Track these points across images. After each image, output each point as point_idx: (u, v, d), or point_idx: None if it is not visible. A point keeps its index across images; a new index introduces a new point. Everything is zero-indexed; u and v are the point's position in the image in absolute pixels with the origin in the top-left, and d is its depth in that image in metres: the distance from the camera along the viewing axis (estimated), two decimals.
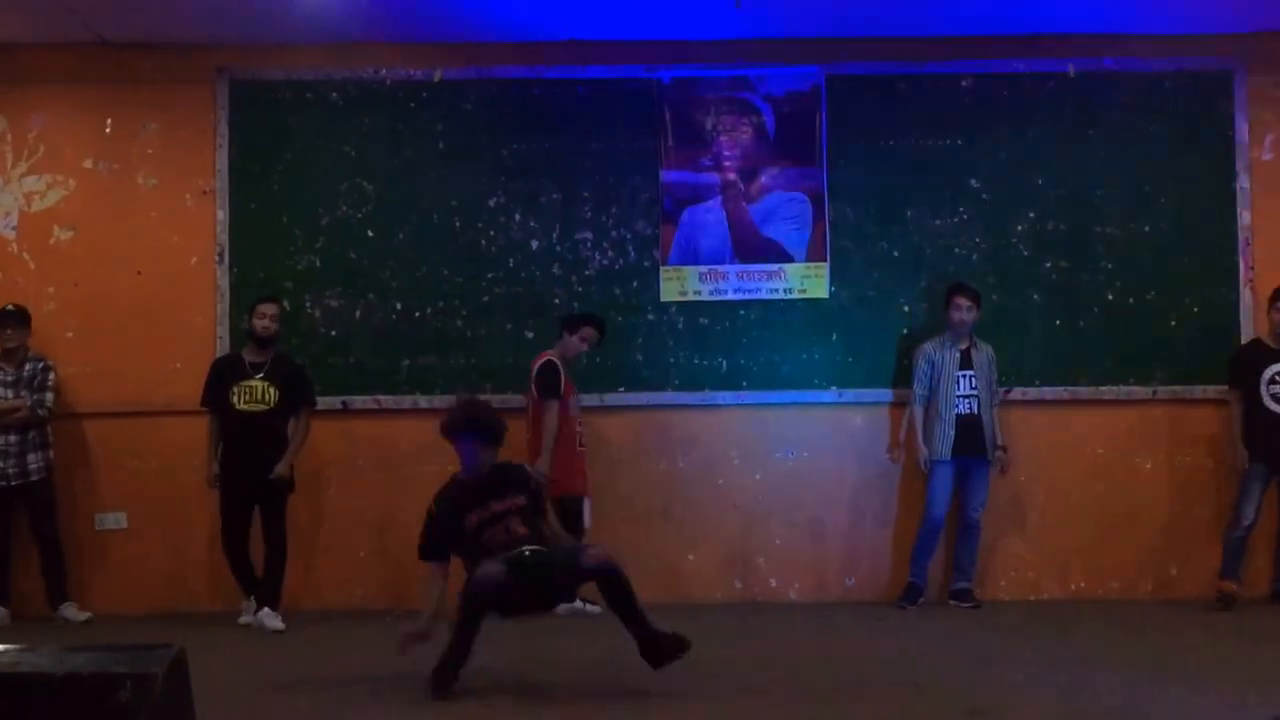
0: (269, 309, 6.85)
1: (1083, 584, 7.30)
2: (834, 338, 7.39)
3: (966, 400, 6.99)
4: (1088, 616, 6.67)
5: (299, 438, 6.89)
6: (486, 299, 7.42)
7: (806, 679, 5.09)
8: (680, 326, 7.42)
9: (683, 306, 7.42)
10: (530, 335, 7.42)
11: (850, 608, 7.05)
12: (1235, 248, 7.31)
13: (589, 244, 7.46)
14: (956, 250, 7.40)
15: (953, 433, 6.99)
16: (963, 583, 7.09)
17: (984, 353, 7.06)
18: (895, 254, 7.41)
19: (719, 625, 6.61)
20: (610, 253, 7.46)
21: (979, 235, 7.40)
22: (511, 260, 7.45)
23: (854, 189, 7.41)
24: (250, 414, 6.75)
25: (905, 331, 7.33)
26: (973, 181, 7.40)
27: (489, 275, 7.45)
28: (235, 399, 6.76)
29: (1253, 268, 7.29)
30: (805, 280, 7.42)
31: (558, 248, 7.46)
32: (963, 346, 7.03)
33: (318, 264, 7.46)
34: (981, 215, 7.41)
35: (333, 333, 7.44)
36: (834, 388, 7.37)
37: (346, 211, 7.47)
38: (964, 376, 7.01)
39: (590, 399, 7.37)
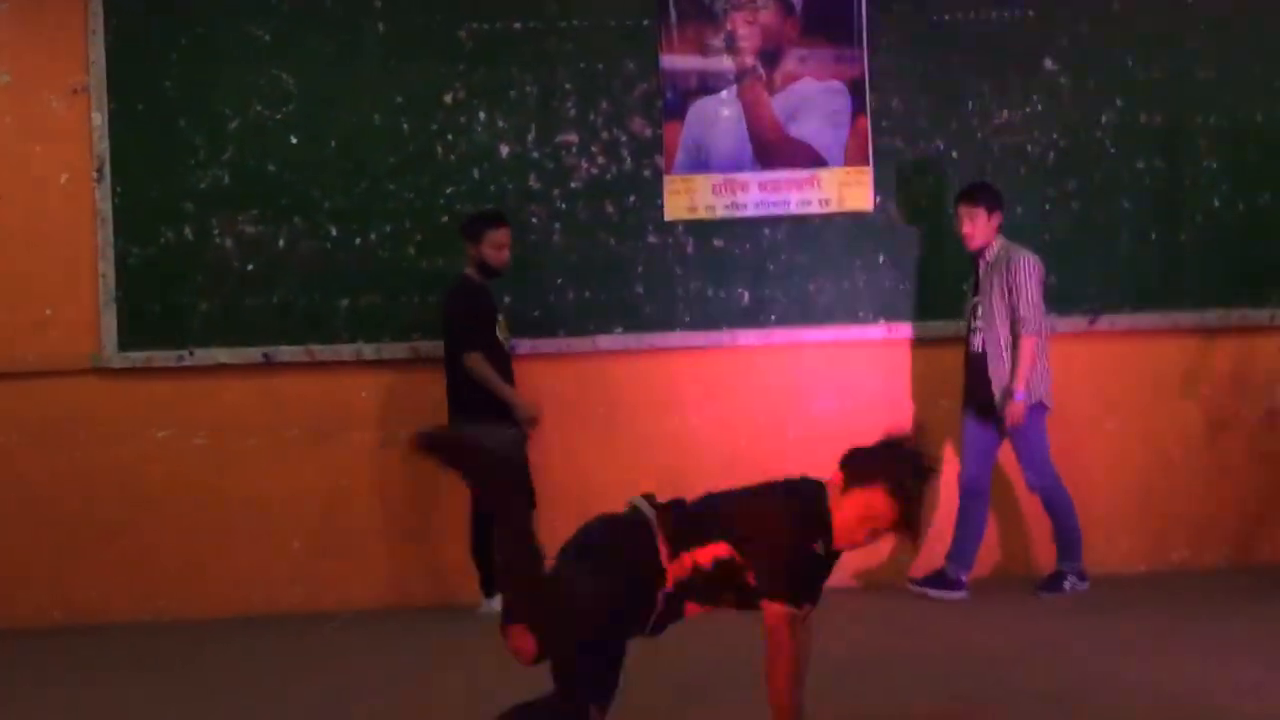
0: (503, 235, 5.61)
1: (1187, 554, 6.01)
2: (880, 260, 5.97)
3: (976, 336, 5.59)
4: (1213, 595, 5.39)
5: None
6: (445, 220, 5.89)
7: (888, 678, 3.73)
8: (690, 251, 5.96)
9: (692, 226, 5.96)
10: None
11: (904, 591, 5.68)
12: None
13: (573, 149, 5.95)
14: (1029, 148, 5.99)
15: (963, 377, 5.66)
16: (954, 568, 5.61)
17: (1000, 269, 5.51)
18: (954, 155, 5.99)
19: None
20: (600, 160, 5.96)
21: (1056, 130, 5.99)
22: (476, 171, 5.93)
23: (902, 75, 5.97)
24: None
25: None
26: (1048, 63, 5.98)
27: (448, 190, 5.92)
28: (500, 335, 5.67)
29: None
30: (844, 190, 5.98)
31: (534, 154, 5.94)
32: (981, 268, 5.59)
33: (226, 180, 5.89)
34: (1058, 105, 5.99)
35: (249, 267, 5.88)
36: (882, 320, 5.97)
37: (262, 112, 5.89)
38: (976, 305, 5.59)
39: (580, 342, 5.92)
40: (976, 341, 5.57)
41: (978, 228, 5.50)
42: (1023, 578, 5.79)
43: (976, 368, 5.55)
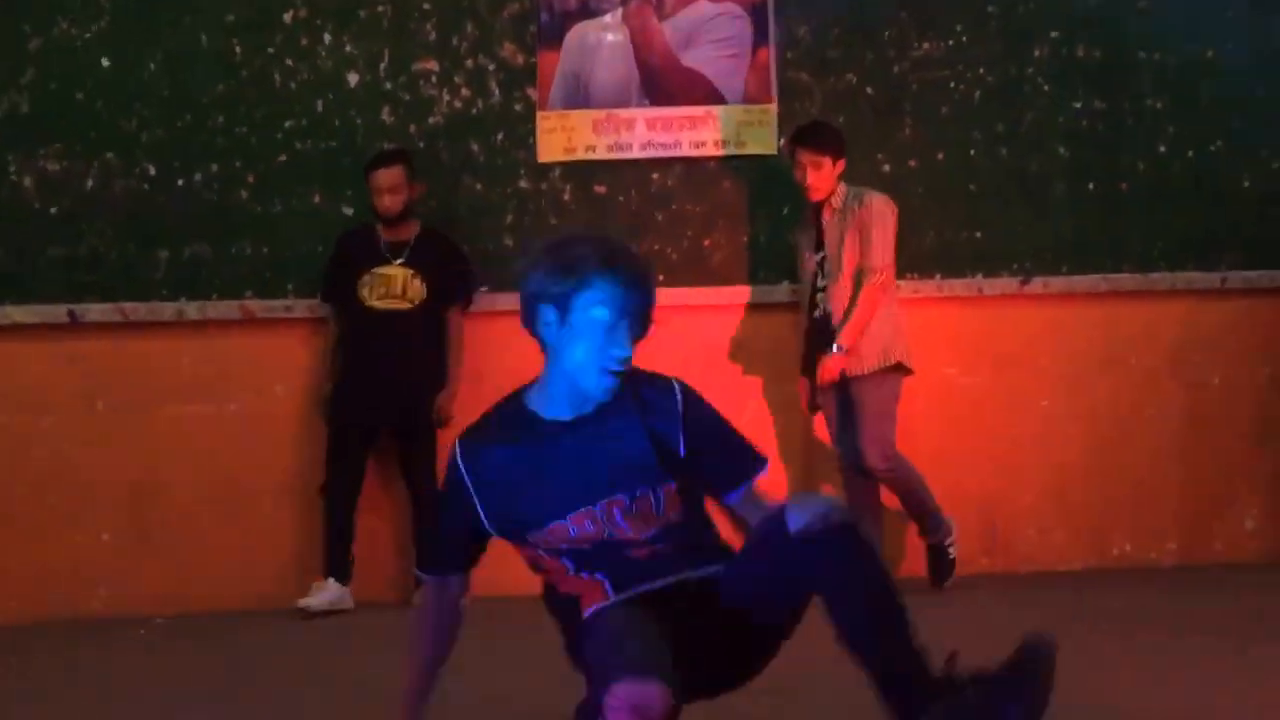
0: (385, 178, 4.93)
1: (1128, 548, 5.34)
2: (786, 211, 5.24)
3: (821, 296, 4.88)
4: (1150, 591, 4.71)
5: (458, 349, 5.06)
6: (284, 158, 5.11)
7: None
8: (567, 197, 5.22)
9: (571, 169, 5.21)
10: (350, 211, 5.14)
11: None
12: None
13: (432, 78, 5.18)
14: (953, 85, 5.30)
15: (804, 343, 4.98)
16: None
17: (849, 216, 4.78)
18: (869, 91, 5.28)
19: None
20: (465, 91, 5.19)
21: (983, 64, 5.30)
22: (320, 103, 5.15)
23: (811, 1, 5.25)
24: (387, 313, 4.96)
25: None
26: None
27: (287, 124, 5.14)
28: (366, 292, 4.94)
29: None
30: (743, 130, 5.25)
31: (387, 84, 5.17)
32: (826, 218, 4.86)
33: (25, 108, 5.07)
34: (986, 37, 5.30)
35: (52, 210, 5.07)
36: (786, 282, 5.24)
37: (69, 30, 5.07)
38: (819, 262, 4.88)
39: None
40: (823, 304, 4.86)
41: (823, 178, 4.77)
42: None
43: (824, 334, 4.83)
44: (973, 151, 5.30)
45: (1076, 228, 5.31)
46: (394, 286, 4.98)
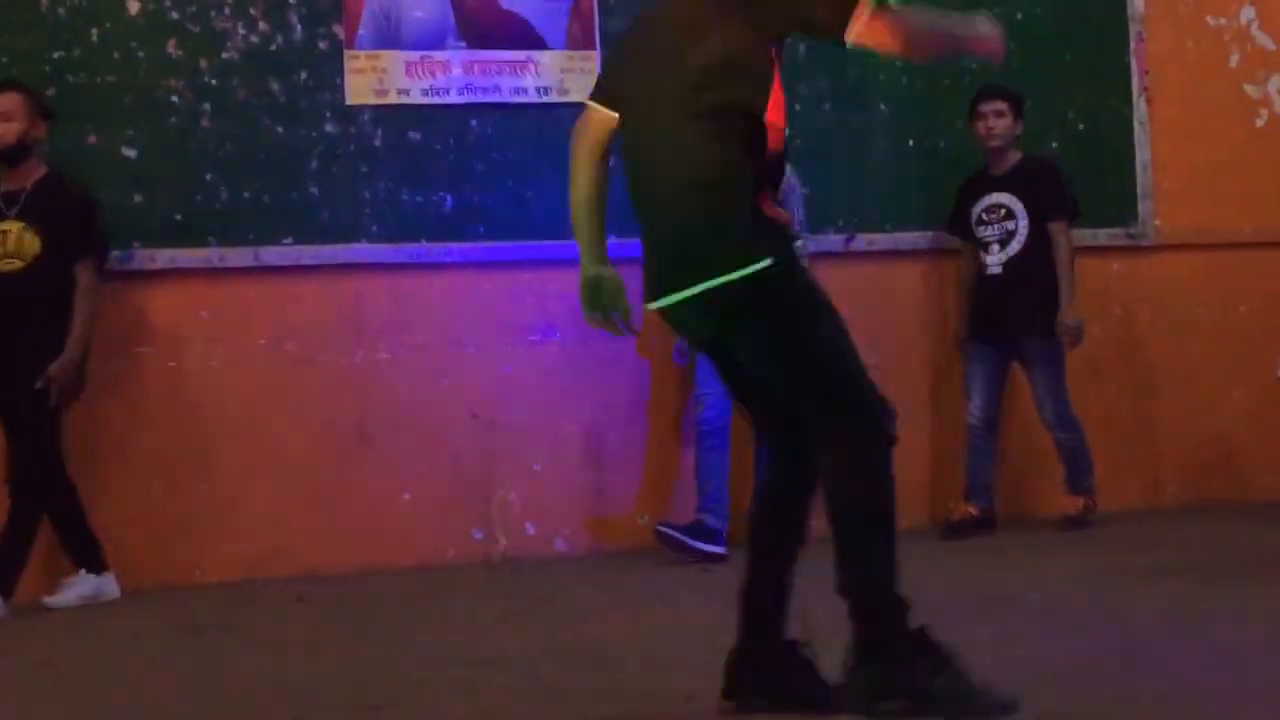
0: None
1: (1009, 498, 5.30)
2: (612, 163, 4.97)
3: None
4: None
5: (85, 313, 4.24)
6: (53, 93, 4.50)
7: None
8: (378, 144, 4.82)
9: (382, 113, 4.82)
10: (132, 155, 4.58)
11: (645, 558, 4.70)
12: (1126, 45, 5.51)
13: (225, 9, 4.69)
14: (788, 40, 5.16)
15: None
16: (702, 513, 4.68)
17: (786, 184, 4.79)
18: None
19: (452, 598, 4.21)
20: (263, 26, 4.73)
21: None
22: (95, 32, 4.58)
23: None
24: None
25: None
26: None
27: (55, 56, 4.54)
28: None
29: (1147, 72, 5.52)
30: (567, 77, 4.98)
31: (173, 14, 4.66)
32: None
33: None
34: None
35: None
36: (613, 236, 4.97)
37: None
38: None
39: (238, 254, 4.69)
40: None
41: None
42: None
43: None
44: (797, 107, 5.14)
45: (900, 186, 5.28)
46: (6, 243, 4.24)
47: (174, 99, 4.63)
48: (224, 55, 4.69)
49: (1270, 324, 5.56)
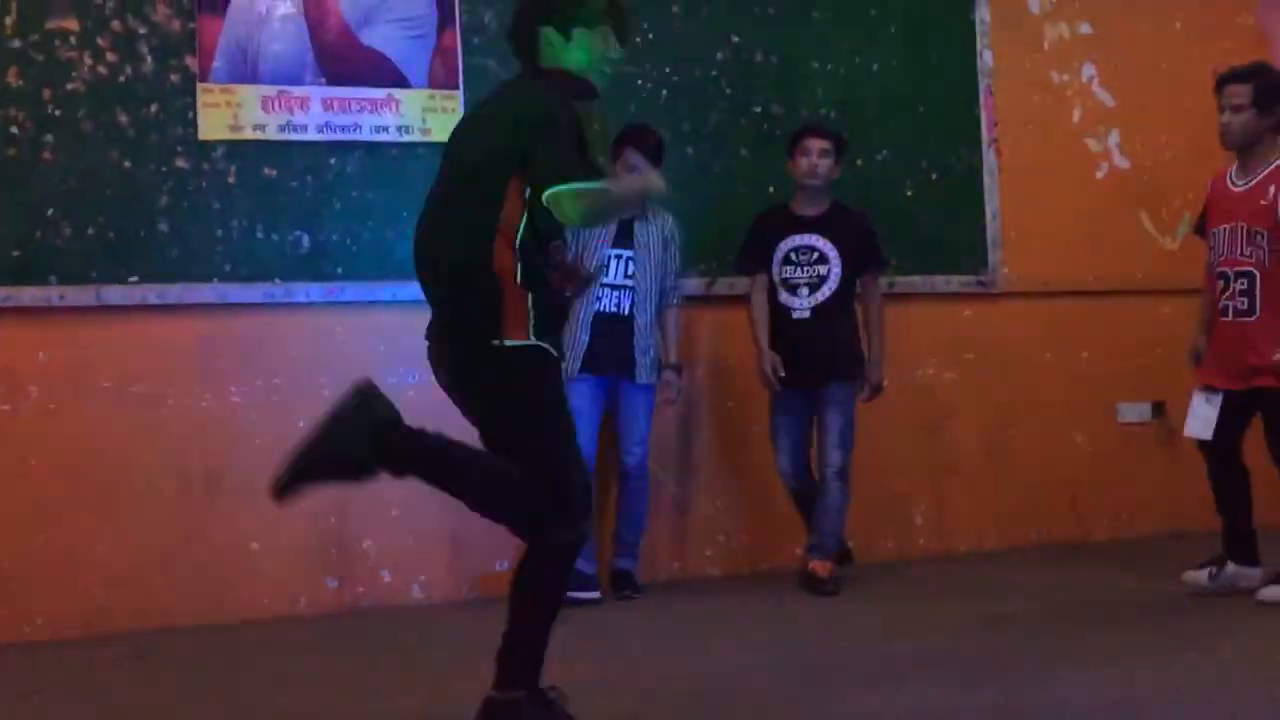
0: None
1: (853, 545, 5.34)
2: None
3: (615, 292, 4.84)
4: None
5: None
6: None
7: None
8: (232, 180, 4.68)
9: (236, 148, 4.68)
10: None
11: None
12: (976, 98, 5.67)
13: (71, 40, 4.51)
14: (639, 82, 5.20)
15: (587, 339, 4.81)
16: (622, 561, 4.92)
17: (658, 225, 4.91)
18: None
19: (304, 650, 4.05)
20: (111, 57, 4.56)
21: (668, 63, 5.25)
22: None
23: None
24: None
25: None
26: None
27: None
28: None
29: (997, 123, 5.69)
30: (428, 116, 4.91)
31: (14, 43, 4.46)
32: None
33: None
34: (670, 37, 5.25)
35: None
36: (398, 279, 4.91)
37: None
38: (616, 257, 4.83)
39: (79, 294, 4.48)
40: (626, 304, 4.83)
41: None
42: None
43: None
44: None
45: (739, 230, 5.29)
46: None
47: (13, 130, 4.42)
48: (69, 85, 4.49)
49: (1111, 370, 5.78)
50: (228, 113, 4.67)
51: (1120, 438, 5.80)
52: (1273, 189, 4.25)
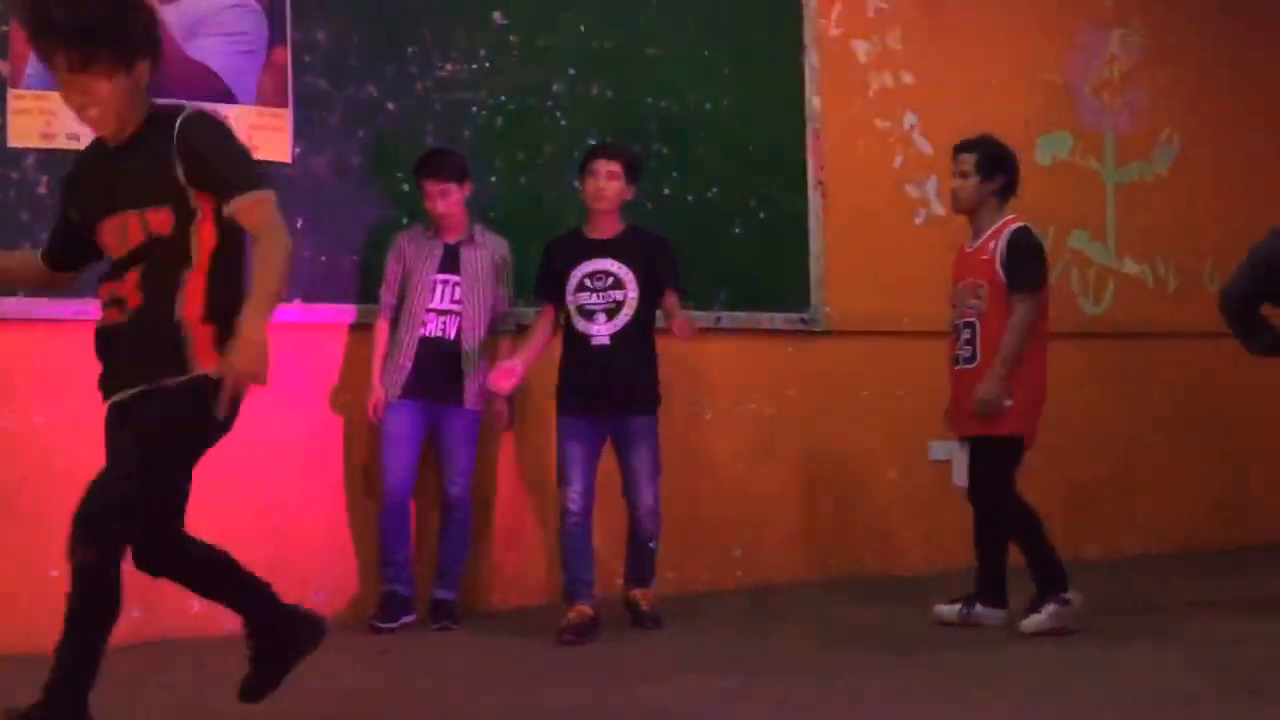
0: None
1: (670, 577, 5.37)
2: (300, 224, 4.82)
3: (441, 317, 4.81)
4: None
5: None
6: None
7: None
8: (42, 191, 4.48)
9: (49, 158, 4.49)
10: None
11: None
12: (803, 141, 5.82)
13: None
14: (474, 110, 5.18)
15: (410, 364, 4.78)
16: (442, 591, 4.88)
17: (488, 250, 4.90)
18: (390, 106, 5.03)
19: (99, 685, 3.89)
20: None
21: (505, 92, 5.24)
22: None
23: (329, 2, 4.93)
24: None
25: (406, 220, 4.98)
26: (497, 16, 5.23)
27: None
28: None
29: (823, 166, 5.85)
30: (256, 134, 4.78)
31: None
32: (449, 239, 4.83)
33: None
34: (509, 65, 5.25)
35: None
36: (298, 300, 4.82)
37: None
38: (443, 283, 4.81)
39: None
40: (452, 329, 4.83)
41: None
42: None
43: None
44: (493, 178, 5.20)
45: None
46: None
47: None
48: None
49: (924, 409, 5.95)
50: (40, 120, 4.47)
51: (931, 473, 6.01)
52: (993, 244, 4.55)
